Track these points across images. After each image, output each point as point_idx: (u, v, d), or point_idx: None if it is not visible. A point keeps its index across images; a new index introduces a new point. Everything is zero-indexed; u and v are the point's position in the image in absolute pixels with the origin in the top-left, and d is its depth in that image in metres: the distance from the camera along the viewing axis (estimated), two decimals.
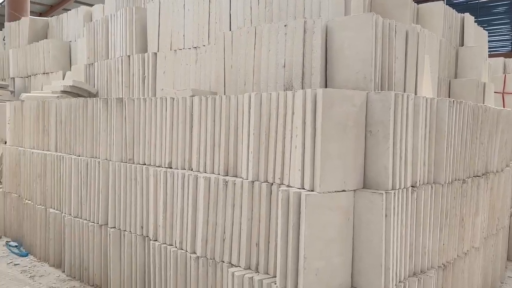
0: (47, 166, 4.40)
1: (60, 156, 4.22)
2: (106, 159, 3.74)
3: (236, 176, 2.83)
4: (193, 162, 3.12)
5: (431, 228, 2.68)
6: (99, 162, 3.73)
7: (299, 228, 2.21)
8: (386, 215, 2.25)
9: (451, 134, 2.80)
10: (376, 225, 2.24)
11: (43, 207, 4.49)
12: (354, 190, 2.32)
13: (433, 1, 4.95)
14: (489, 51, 5.92)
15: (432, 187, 2.66)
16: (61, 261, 4.29)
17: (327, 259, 2.24)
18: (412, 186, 2.52)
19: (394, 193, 2.28)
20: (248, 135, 2.70)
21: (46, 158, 4.41)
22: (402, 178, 2.40)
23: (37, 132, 4.71)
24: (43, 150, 4.60)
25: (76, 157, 4.02)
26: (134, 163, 3.54)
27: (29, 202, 4.72)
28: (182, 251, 3.06)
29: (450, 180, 2.84)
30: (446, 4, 5.00)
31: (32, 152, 4.65)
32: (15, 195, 5.03)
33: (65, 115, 4.24)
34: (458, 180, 2.96)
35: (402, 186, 2.41)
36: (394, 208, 2.28)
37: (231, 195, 2.76)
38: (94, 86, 5.06)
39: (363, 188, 2.35)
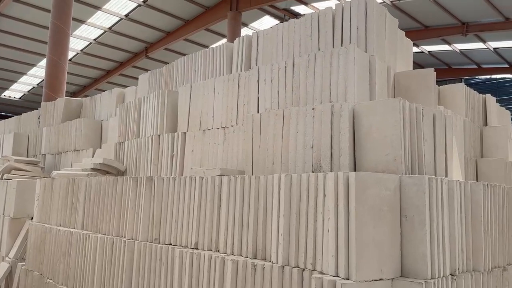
0: (72, 244, 4.39)
1: (86, 234, 4.22)
2: (132, 238, 3.71)
3: (265, 260, 2.75)
4: (220, 243, 3.07)
5: None
6: (124, 241, 3.71)
7: None
8: None
9: (487, 218, 2.72)
10: None
11: (64, 287, 4.40)
12: (392, 279, 2.22)
13: (452, 82, 5.10)
14: None
15: (472, 275, 2.53)
16: None
17: None
18: (451, 275, 2.40)
19: (434, 283, 2.17)
20: (278, 217, 2.67)
21: (72, 236, 4.41)
22: (441, 266, 2.30)
23: (65, 209, 4.77)
24: (69, 227, 4.62)
25: (102, 235, 4.02)
26: (160, 243, 3.50)
27: (51, 281, 4.65)
28: None
29: (490, 268, 2.70)
30: (465, 84, 5.13)
31: (58, 229, 4.67)
32: (37, 273, 4.97)
33: (94, 193, 4.31)
34: (498, 267, 2.81)
35: (441, 275, 2.30)
36: None
37: (259, 280, 2.66)
38: (123, 164, 5.19)
39: (400, 276, 2.25)
